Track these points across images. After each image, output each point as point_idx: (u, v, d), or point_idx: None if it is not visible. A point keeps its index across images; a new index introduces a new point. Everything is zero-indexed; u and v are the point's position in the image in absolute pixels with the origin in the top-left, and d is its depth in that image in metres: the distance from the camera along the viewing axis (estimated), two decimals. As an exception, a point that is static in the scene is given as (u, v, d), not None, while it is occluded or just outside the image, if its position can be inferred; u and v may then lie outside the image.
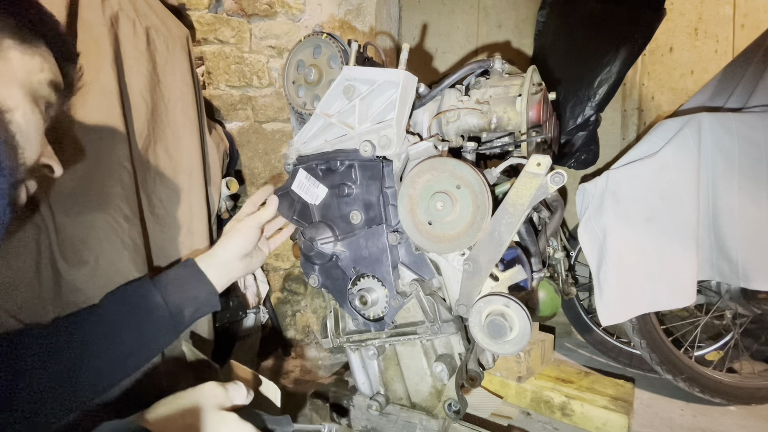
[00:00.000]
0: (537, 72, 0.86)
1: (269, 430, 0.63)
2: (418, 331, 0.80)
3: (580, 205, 1.28)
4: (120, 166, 0.97)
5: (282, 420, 0.65)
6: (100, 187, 0.93)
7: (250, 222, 0.84)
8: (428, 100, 0.87)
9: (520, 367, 1.28)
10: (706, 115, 1.17)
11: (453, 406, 0.81)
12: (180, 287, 0.78)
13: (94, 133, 0.93)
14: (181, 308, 0.77)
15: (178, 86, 1.17)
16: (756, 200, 1.13)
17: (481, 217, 0.70)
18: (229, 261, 0.83)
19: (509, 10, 2.07)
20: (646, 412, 1.30)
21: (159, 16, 1.18)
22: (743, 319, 1.38)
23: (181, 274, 0.80)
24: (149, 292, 0.76)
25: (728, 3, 1.73)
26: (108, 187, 0.94)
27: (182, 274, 0.80)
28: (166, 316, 0.75)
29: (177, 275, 0.79)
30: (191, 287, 0.79)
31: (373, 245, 0.80)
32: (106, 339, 0.70)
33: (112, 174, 0.95)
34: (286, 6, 1.56)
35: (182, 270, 0.80)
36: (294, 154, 0.87)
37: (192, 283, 0.79)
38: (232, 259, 0.83)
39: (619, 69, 1.52)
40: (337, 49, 0.82)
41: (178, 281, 0.78)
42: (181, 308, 0.77)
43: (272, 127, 1.64)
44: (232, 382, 0.61)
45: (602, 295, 1.20)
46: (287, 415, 0.66)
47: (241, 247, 0.84)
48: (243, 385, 0.62)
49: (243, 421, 0.57)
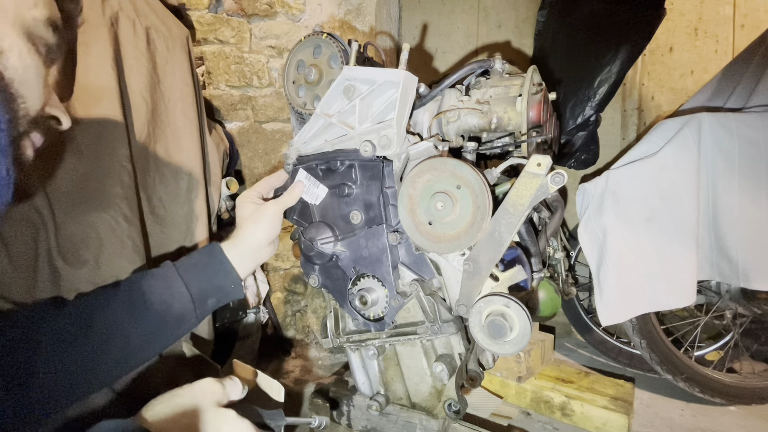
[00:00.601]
0: (537, 72, 0.86)
1: (264, 424, 0.64)
2: (418, 331, 0.80)
3: (580, 205, 1.28)
4: (120, 166, 0.97)
5: (275, 414, 0.66)
6: (100, 187, 0.93)
7: (276, 207, 0.80)
8: (428, 100, 0.87)
9: (520, 367, 1.28)
10: (706, 115, 1.17)
11: (453, 406, 0.81)
12: (204, 275, 0.74)
13: (94, 133, 0.93)
14: (205, 297, 0.74)
15: (178, 86, 1.17)
16: (756, 200, 1.13)
17: (481, 217, 0.70)
18: (256, 248, 0.79)
19: (509, 10, 2.07)
20: (646, 412, 1.30)
21: (159, 16, 1.18)
22: (743, 319, 1.38)
23: (205, 261, 0.76)
24: (173, 279, 0.72)
25: (728, 3, 1.73)
26: (108, 186, 0.94)
27: (206, 262, 0.76)
28: (190, 305, 0.72)
29: (201, 262, 0.75)
30: (216, 277, 0.75)
31: (373, 245, 0.80)
32: (129, 321, 0.68)
33: (112, 174, 0.95)
34: (286, 6, 1.56)
35: (206, 257, 0.76)
36: (294, 154, 0.87)
37: (217, 272, 0.75)
38: (259, 247, 0.79)
39: (619, 69, 1.52)
40: (337, 49, 0.82)
41: (203, 268, 0.75)
42: (205, 297, 0.74)
43: (272, 127, 1.64)
44: (228, 377, 0.61)
45: (602, 295, 1.20)
46: (280, 410, 0.67)
47: (269, 234, 0.79)
48: (238, 380, 0.62)
49: (241, 418, 0.57)
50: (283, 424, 0.67)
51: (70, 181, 0.88)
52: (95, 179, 0.92)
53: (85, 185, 0.90)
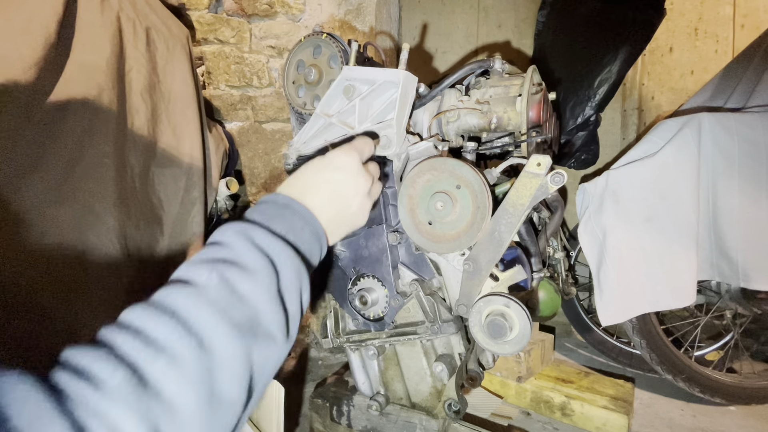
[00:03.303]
0: (537, 72, 0.86)
1: None
2: (418, 331, 0.80)
3: (580, 205, 1.28)
4: (120, 166, 0.96)
5: None
6: (100, 187, 0.93)
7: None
8: (428, 100, 0.87)
9: (520, 367, 1.28)
10: (706, 115, 1.17)
11: (453, 406, 0.81)
12: None
13: (91, 131, 0.93)
14: None
15: (178, 86, 1.17)
16: (756, 200, 1.13)
17: (481, 217, 0.70)
18: None
19: (509, 10, 2.07)
20: (646, 412, 1.30)
21: (159, 16, 1.18)
22: (743, 319, 1.38)
23: None
24: None
25: (728, 3, 1.73)
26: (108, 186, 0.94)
27: None
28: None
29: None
30: None
31: (373, 245, 0.80)
32: None
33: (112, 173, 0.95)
34: (286, 6, 1.56)
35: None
36: (294, 154, 0.87)
37: None
38: None
39: (619, 69, 1.52)
40: (337, 49, 0.82)
41: None
42: None
43: (272, 127, 1.64)
44: (356, 141, 0.60)
45: (602, 295, 1.20)
46: None
47: None
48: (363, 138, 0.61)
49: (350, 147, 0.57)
50: None
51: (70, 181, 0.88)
52: (95, 179, 0.92)
53: (86, 185, 0.90)
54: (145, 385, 0.30)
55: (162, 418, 0.29)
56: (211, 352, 0.34)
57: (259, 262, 0.42)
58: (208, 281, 0.38)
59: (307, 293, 0.48)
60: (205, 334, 0.35)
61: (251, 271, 0.41)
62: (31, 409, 0.25)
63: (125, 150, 1.00)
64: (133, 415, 0.28)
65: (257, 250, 0.43)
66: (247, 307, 0.39)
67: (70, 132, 0.89)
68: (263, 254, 0.43)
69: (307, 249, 0.50)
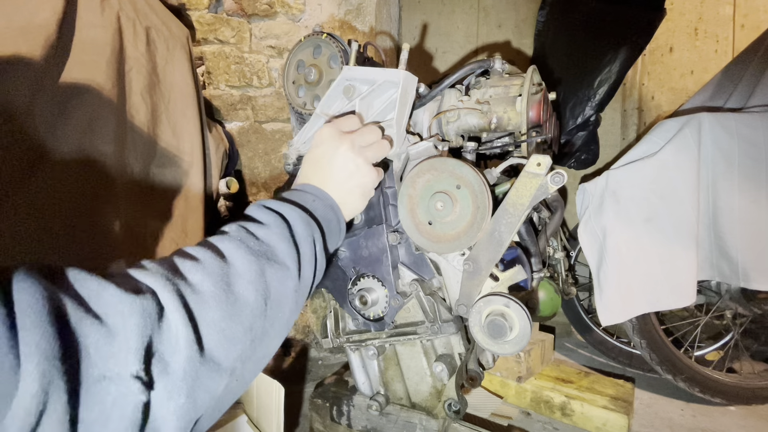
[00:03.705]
0: (537, 72, 0.86)
1: None
2: (418, 331, 0.80)
3: (580, 205, 1.28)
4: (120, 167, 0.97)
5: None
6: (100, 186, 0.93)
7: None
8: (428, 100, 0.87)
9: (520, 367, 1.28)
10: (706, 115, 1.17)
11: (453, 406, 0.81)
12: None
13: (91, 131, 0.93)
14: None
15: (178, 86, 1.17)
16: (756, 200, 1.13)
17: (481, 217, 0.70)
18: None
19: (509, 10, 2.07)
20: (646, 412, 1.30)
21: (159, 16, 1.18)
22: (743, 319, 1.38)
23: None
24: None
25: (728, 3, 1.73)
26: (108, 186, 0.94)
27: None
28: None
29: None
30: None
31: (373, 245, 0.80)
32: None
33: (112, 173, 0.95)
34: (286, 6, 1.56)
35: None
36: (294, 154, 0.87)
37: None
38: None
39: (619, 69, 1.52)
40: (337, 49, 0.82)
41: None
42: None
43: (272, 127, 1.64)
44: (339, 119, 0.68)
45: (602, 295, 1.20)
46: None
47: None
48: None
49: None
50: None
51: (70, 181, 0.88)
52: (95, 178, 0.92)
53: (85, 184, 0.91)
54: (175, 271, 0.42)
55: (186, 291, 0.40)
56: (231, 264, 0.45)
57: (270, 217, 0.53)
58: (229, 229, 0.50)
59: (321, 244, 0.57)
60: (226, 252, 0.46)
61: (265, 223, 0.52)
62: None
63: (125, 150, 1.00)
64: (165, 285, 0.39)
65: (269, 210, 0.54)
66: (261, 242, 0.49)
67: (70, 132, 0.89)
68: (274, 212, 0.54)
69: (321, 215, 0.58)
